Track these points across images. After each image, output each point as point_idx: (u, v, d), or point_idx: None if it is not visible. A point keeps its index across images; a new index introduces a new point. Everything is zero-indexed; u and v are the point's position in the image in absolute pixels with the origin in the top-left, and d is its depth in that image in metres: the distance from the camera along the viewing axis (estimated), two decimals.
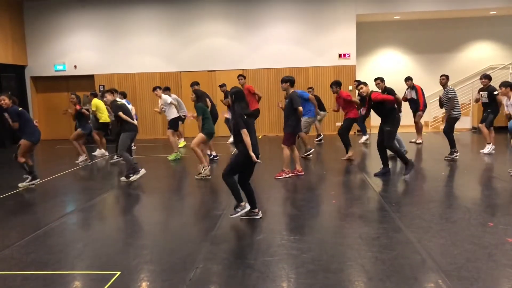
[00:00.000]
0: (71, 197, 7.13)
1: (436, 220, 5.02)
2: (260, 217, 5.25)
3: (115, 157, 9.71)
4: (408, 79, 11.12)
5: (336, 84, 9.12)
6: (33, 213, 6.18)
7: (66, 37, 14.89)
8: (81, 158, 9.83)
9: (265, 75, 14.38)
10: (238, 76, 10.88)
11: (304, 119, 8.89)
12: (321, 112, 11.88)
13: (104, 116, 10.31)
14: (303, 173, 7.75)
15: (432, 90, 14.29)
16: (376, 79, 8.54)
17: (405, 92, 11.20)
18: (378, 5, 14.05)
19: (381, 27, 15.64)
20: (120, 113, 7.71)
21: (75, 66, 14.95)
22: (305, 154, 9.47)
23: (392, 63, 15.78)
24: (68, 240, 4.84)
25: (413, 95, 11.04)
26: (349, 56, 14.22)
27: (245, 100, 5.26)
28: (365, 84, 7.60)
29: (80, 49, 14.87)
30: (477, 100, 9.67)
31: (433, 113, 14.76)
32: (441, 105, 9.25)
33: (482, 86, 9.35)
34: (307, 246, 4.33)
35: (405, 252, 4.09)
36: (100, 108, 10.27)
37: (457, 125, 9.20)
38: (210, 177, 7.73)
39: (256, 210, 5.27)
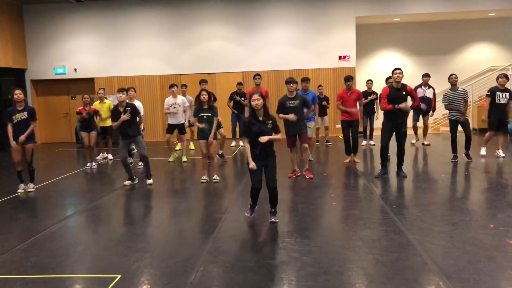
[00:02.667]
0: (72, 201, 7.12)
1: (437, 222, 5.02)
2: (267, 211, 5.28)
3: (140, 163, 9.12)
4: (426, 75, 10.83)
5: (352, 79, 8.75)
6: (33, 216, 6.17)
7: (66, 40, 14.92)
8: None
9: (265, 78, 14.33)
10: (255, 76, 10.63)
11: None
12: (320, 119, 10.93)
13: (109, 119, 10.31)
14: (299, 174, 7.81)
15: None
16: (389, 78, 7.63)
17: (417, 90, 10.56)
18: (378, 8, 14.07)
19: (380, 29, 15.65)
20: (141, 114, 7.76)
21: (75, 69, 14.97)
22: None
23: (392, 65, 15.53)
24: (69, 244, 4.83)
25: (428, 94, 10.60)
26: (348, 58, 14.25)
27: None
28: None
29: (80, 52, 14.90)
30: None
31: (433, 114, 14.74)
32: (446, 107, 8.83)
33: (499, 86, 8.72)
34: (307, 248, 4.33)
35: (406, 255, 4.09)
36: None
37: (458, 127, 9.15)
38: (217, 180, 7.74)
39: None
